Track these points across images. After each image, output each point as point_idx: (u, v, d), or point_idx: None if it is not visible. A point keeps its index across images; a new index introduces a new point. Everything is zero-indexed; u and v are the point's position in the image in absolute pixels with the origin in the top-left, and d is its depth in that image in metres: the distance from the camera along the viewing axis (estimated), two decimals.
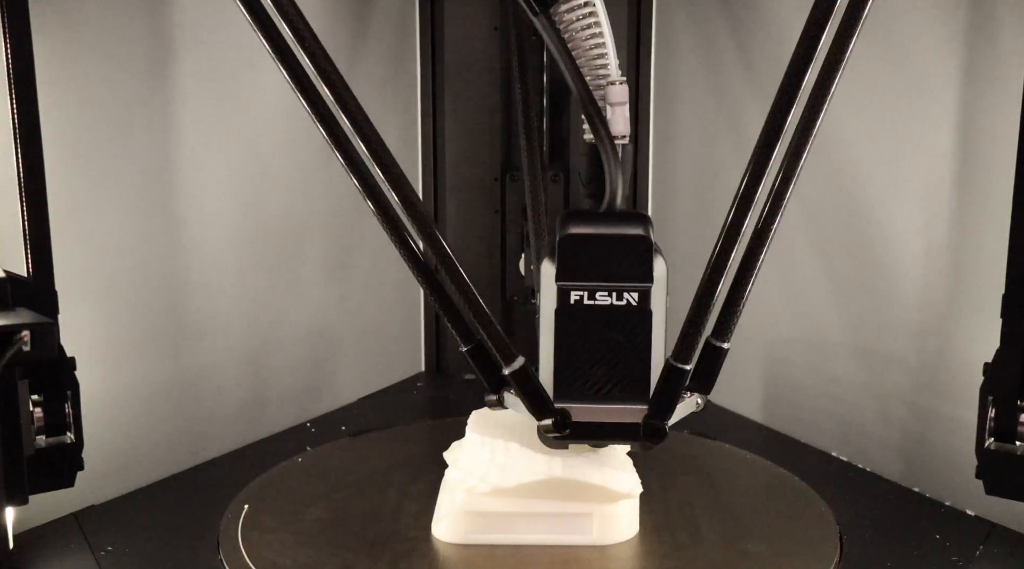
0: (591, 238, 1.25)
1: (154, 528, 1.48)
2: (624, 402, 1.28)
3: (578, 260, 1.25)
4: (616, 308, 1.25)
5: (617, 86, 1.30)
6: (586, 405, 1.28)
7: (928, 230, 1.57)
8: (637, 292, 1.25)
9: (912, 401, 1.62)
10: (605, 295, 1.25)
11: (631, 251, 1.25)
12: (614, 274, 1.25)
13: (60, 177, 1.39)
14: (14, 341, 1.23)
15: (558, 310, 1.26)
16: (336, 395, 1.99)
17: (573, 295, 1.25)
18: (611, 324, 1.26)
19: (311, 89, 1.26)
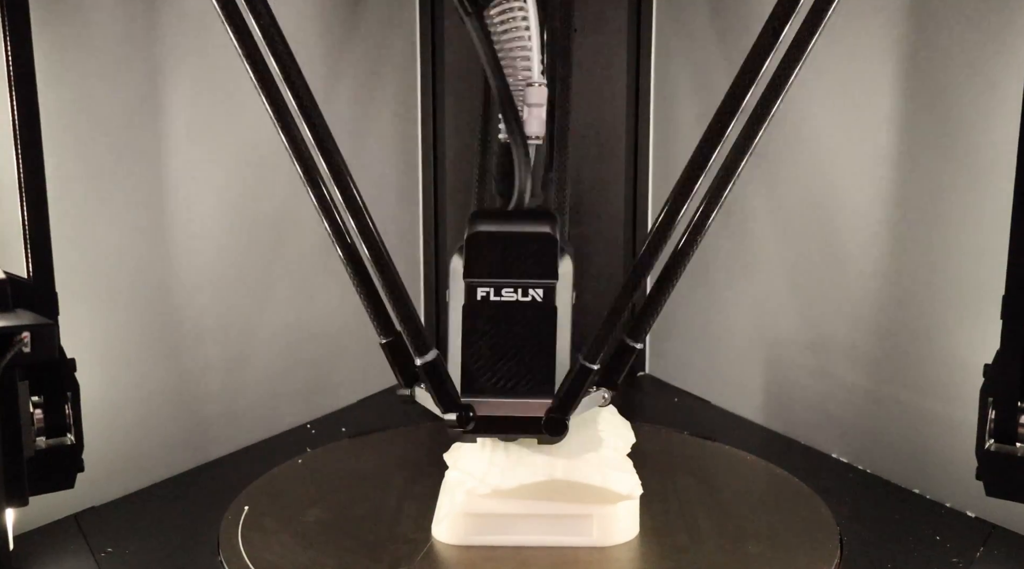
0: (497, 236, 1.28)
1: (154, 530, 1.48)
2: (529, 396, 1.29)
3: (485, 257, 1.28)
4: (521, 304, 1.28)
5: (536, 87, 1.35)
6: (492, 399, 1.29)
7: (928, 231, 1.57)
8: (542, 288, 1.28)
9: (912, 402, 1.62)
10: (511, 291, 1.28)
11: (537, 248, 1.28)
12: (520, 271, 1.28)
13: (60, 179, 1.39)
14: (14, 342, 1.23)
15: (465, 306, 1.29)
16: (336, 396, 1.99)
17: (480, 291, 1.28)
18: (516, 320, 1.28)
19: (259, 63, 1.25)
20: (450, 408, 1.29)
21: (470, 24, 1.30)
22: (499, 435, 1.34)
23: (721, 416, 1.96)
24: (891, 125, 1.61)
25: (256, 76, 1.25)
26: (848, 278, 1.71)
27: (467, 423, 1.29)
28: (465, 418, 1.28)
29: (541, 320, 1.28)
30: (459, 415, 1.28)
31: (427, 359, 1.28)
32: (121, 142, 1.55)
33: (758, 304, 1.89)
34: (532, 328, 1.28)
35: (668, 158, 2.07)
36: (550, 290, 1.28)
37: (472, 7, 1.29)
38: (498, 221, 1.30)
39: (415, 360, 1.29)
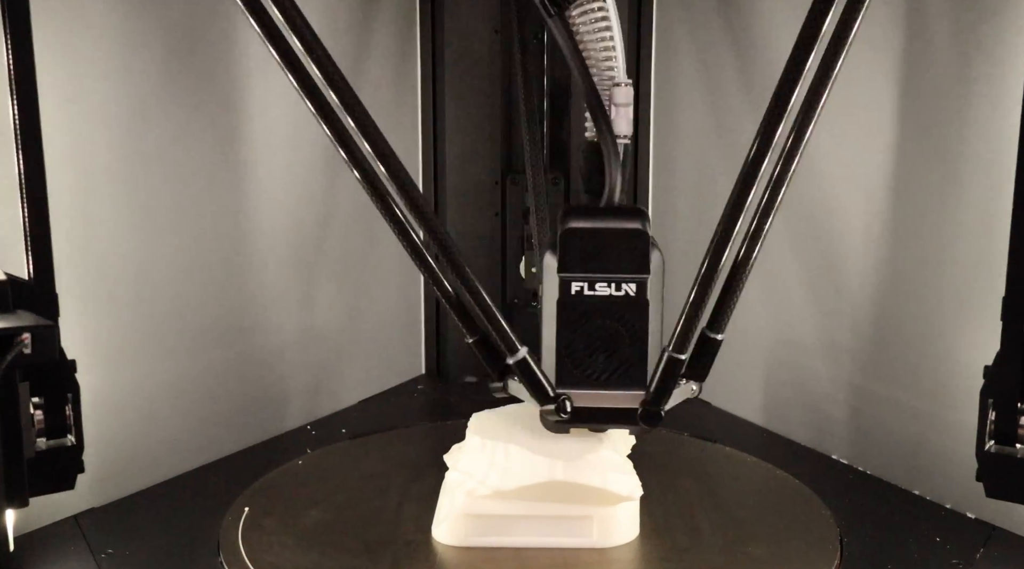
0: (591, 232, 1.30)
1: (154, 531, 1.48)
2: (622, 388, 1.32)
3: (579, 253, 1.30)
4: (615, 298, 1.30)
5: (623, 87, 1.36)
6: (586, 391, 1.32)
7: (928, 233, 1.57)
8: (635, 283, 1.30)
9: (912, 404, 1.62)
10: (604, 286, 1.30)
11: (629, 244, 1.30)
12: (613, 266, 1.30)
13: (61, 179, 1.39)
14: (15, 344, 1.23)
15: (560, 300, 1.31)
16: (336, 398, 1.99)
17: (574, 286, 1.30)
18: (610, 313, 1.31)
19: (316, 91, 1.27)
20: (546, 400, 1.33)
21: (553, 25, 1.34)
22: (594, 426, 1.38)
23: (721, 417, 1.95)
24: (890, 133, 1.61)
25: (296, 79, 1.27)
26: (848, 280, 1.71)
27: (564, 413, 1.32)
28: (562, 408, 1.32)
29: (634, 313, 1.31)
30: (556, 406, 1.32)
31: (518, 357, 1.32)
32: (122, 142, 1.55)
33: (758, 306, 1.89)
34: (625, 321, 1.31)
35: (668, 158, 2.07)
36: (642, 284, 1.31)
37: (555, 8, 1.33)
38: (591, 217, 1.33)
39: (507, 359, 1.32)
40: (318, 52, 1.26)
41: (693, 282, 1.31)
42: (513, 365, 1.32)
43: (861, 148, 1.66)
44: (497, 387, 1.38)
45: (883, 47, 1.60)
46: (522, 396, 1.35)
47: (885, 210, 1.64)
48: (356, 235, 1.97)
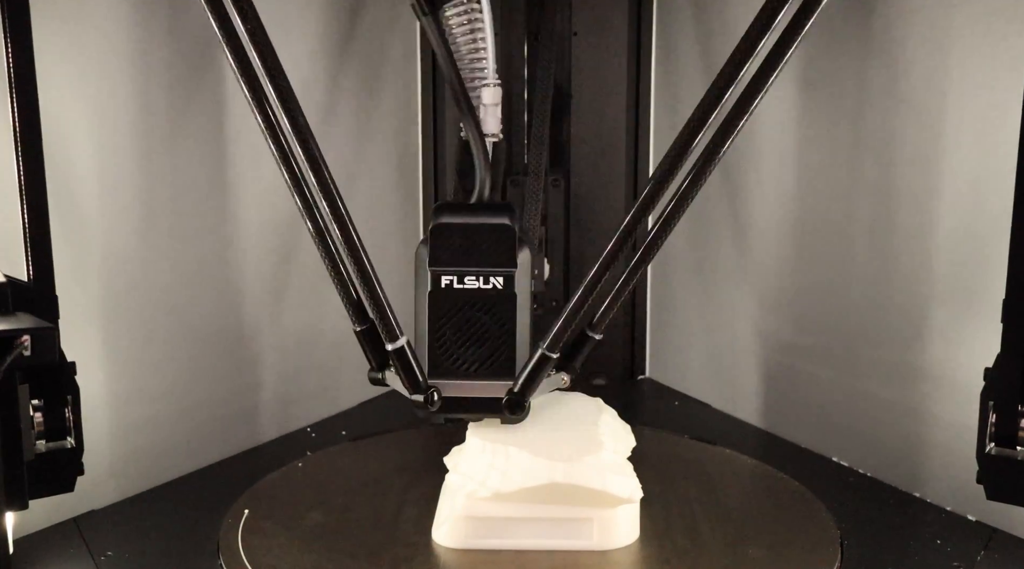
0: (460, 227, 1.36)
1: (154, 533, 1.48)
2: (490, 378, 1.37)
3: (448, 247, 1.36)
4: (483, 291, 1.36)
5: (491, 88, 1.44)
6: (456, 381, 1.37)
7: (927, 234, 1.57)
8: (502, 276, 1.35)
9: (912, 406, 1.62)
10: (473, 279, 1.36)
11: (497, 239, 1.35)
12: (481, 260, 1.35)
13: (61, 181, 1.39)
14: (14, 346, 1.22)
15: (431, 293, 1.36)
16: (336, 400, 1.98)
17: (444, 279, 1.36)
18: (478, 306, 1.36)
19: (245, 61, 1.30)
20: (417, 390, 1.36)
21: (426, 24, 1.39)
22: (463, 416, 1.41)
23: (722, 420, 1.95)
24: (889, 131, 1.61)
25: (238, 65, 1.30)
26: (848, 282, 1.71)
27: (432, 404, 1.36)
28: (430, 399, 1.35)
29: (502, 306, 1.36)
30: (425, 396, 1.35)
31: (397, 345, 1.35)
32: (122, 143, 1.55)
33: (758, 308, 1.89)
34: (493, 313, 1.36)
35: None
36: (510, 277, 1.35)
37: (428, 7, 1.38)
38: (461, 213, 1.38)
39: (386, 345, 1.35)
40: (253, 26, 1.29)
41: (583, 285, 1.34)
42: (392, 353, 1.35)
43: (855, 149, 1.66)
44: (375, 377, 1.41)
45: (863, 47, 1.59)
46: (397, 387, 1.38)
47: (884, 211, 1.64)
48: None
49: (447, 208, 1.40)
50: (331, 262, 1.37)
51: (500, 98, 1.43)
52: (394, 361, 1.36)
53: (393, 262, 2.00)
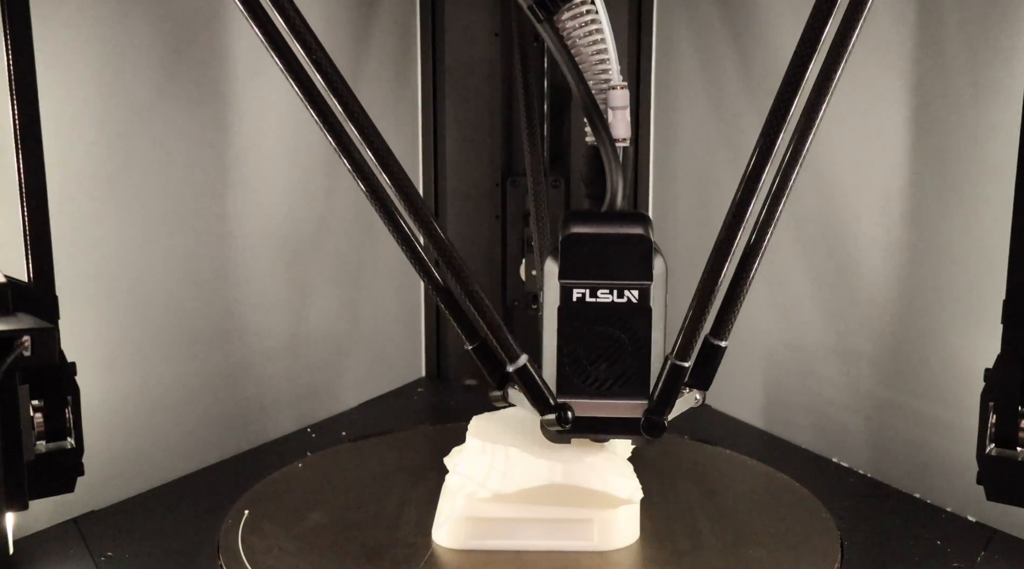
0: (593, 237, 1.29)
1: (154, 534, 1.48)
2: (625, 397, 1.30)
3: (580, 259, 1.28)
4: (617, 305, 1.28)
5: (619, 90, 1.34)
6: (588, 400, 1.30)
7: (928, 233, 1.57)
8: (637, 290, 1.28)
9: (912, 407, 1.62)
10: (606, 293, 1.28)
11: (631, 250, 1.28)
12: (615, 272, 1.28)
13: (61, 181, 1.39)
14: (15, 346, 1.23)
15: (561, 307, 1.29)
16: (337, 400, 1.99)
17: (575, 293, 1.28)
18: (612, 321, 1.29)
19: (316, 95, 1.27)
20: (547, 409, 1.31)
21: (544, 31, 1.31)
22: (596, 436, 1.35)
23: (721, 420, 1.95)
24: (894, 138, 1.61)
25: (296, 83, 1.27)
26: (848, 283, 1.71)
27: (566, 423, 1.30)
28: (564, 418, 1.30)
29: (637, 321, 1.29)
30: (558, 415, 1.30)
31: (519, 364, 1.30)
32: (123, 145, 1.55)
33: (759, 309, 1.89)
34: (628, 329, 1.29)
35: (669, 162, 2.07)
36: (645, 291, 1.29)
37: (544, 14, 1.30)
38: (592, 223, 1.31)
39: (507, 366, 1.31)
40: (318, 56, 1.26)
41: (696, 288, 1.30)
42: (513, 373, 1.31)
43: (868, 153, 1.66)
44: (497, 395, 1.36)
45: (894, 50, 1.59)
46: (522, 405, 1.33)
47: (884, 212, 1.64)
48: (356, 237, 1.97)
49: (578, 217, 1.32)
50: (431, 282, 1.32)
51: (628, 100, 1.35)
52: (517, 381, 1.31)
53: (393, 265, 2.01)
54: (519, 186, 2.10)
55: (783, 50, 1.30)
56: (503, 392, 1.35)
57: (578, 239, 1.29)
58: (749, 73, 1.84)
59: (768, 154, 1.27)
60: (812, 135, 1.27)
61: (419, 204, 1.30)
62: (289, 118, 1.74)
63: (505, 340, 1.30)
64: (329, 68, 1.27)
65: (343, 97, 1.27)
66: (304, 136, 1.75)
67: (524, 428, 1.40)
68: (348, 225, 1.94)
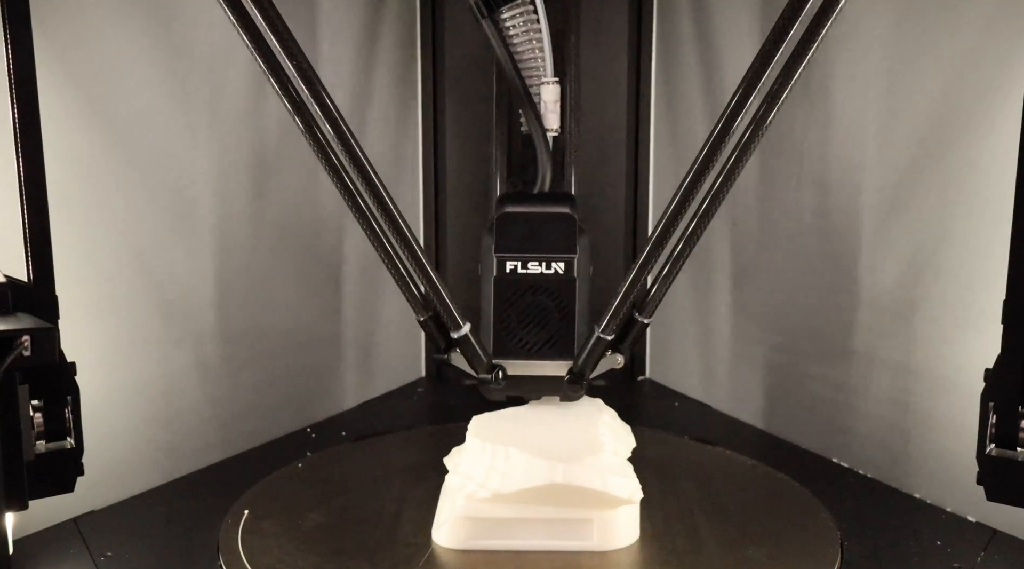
0: (524, 216, 1.44)
1: (154, 534, 1.48)
2: (552, 358, 1.45)
3: (513, 234, 1.44)
4: (545, 276, 1.43)
5: (551, 85, 1.50)
6: (520, 361, 1.45)
7: (928, 234, 1.57)
8: (563, 262, 1.43)
9: (913, 407, 1.62)
10: (536, 264, 1.43)
11: (558, 226, 1.44)
12: (544, 246, 1.43)
13: (61, 181, 1.39)
14: (14, 346, 1.23)
15: (496, 278, 1.44)
16: (336, 400, 1.99)
17: (508, 264, 1.44)
18: (541, 290, 1.44)
19: (278, 68, 1.33)
20: (483, 369, 1.45)
21: (486, 26, 1.45)
22: (526, 393, 1.48)
23: (721, 420, 1.95)
24: (890, 132, 1.61)
25: (272, 75, 1.34)
26: (848, 283, 1.71)
27: (499, 382, 1.44)
28: (497, 377, 1.44)
29: (563, 290, 1.44)
30: (492, 375, 1.44)
31: (462, 332, 1.43)
32: (123, 145, 1.55)
33: (758, 309, 1.89)
34: (555, 297, 1.44)
35: (669, 159, 2.07)
36: (570, 263, 1.43)
37: (487, 10, 1.44)
38: (524, 203, 1.47)
39: (451, 333, 1.43)
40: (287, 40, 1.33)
41: (628, 272, 1.39)
42: (457, 339, 1.44)
43: (862, 151, 1.66)
44: (441, 357, 1.49)
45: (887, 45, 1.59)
46: (462, 366, 1.46)
47: (885, 212, 1.64)
48: (355, 237, 1.97)
49: (511, 198, 1.48)
50: (388, 258, 1.42)
51: (559, 95, 1.50)
52: (460, 346, 1.44)
53: None
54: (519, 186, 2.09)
55: (784, 49, 1.30)
56: (447, 355, 1.48)
57: (511, 217, 1.44)
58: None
59: (716, 149, 1.34)
60: (761, 134, 1.33)
61: (373, 180, 1.37)
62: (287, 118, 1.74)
63: (451, 311, 1.42)
64: (294, 49, 1.33)
65: (299, 63, 1.33)
66: None
67: (524, 428, 1.40)
68: (348, 225, 1.94)
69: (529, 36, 1.48)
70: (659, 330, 2.14)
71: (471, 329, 1.44)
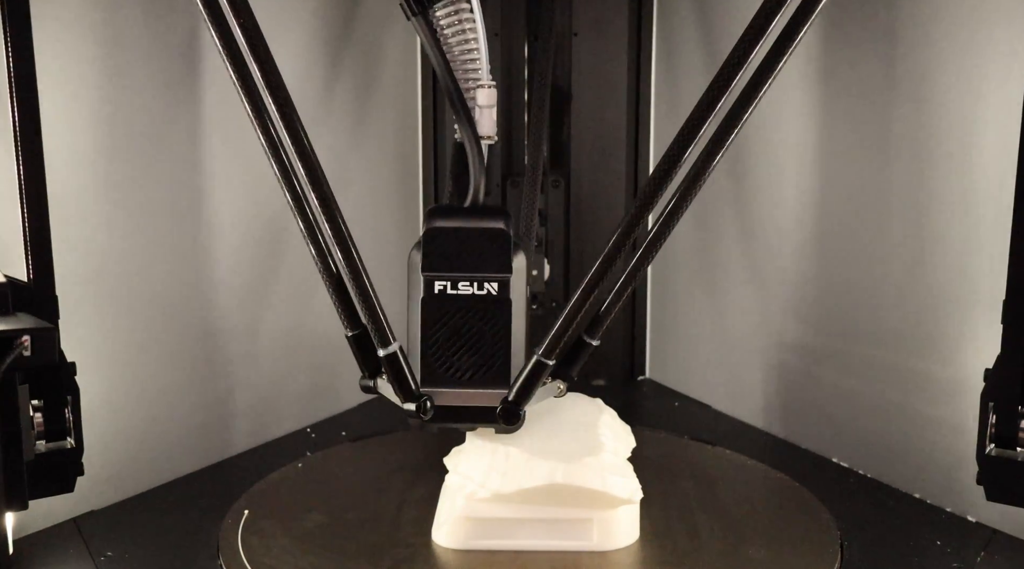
0: (454, 231, 1.32)
1: (154, 534, 1.48)
2: (485, 387, 1.32)
3: (442, 252, 1.31)
4: (477, 297, 1.31)
5: (486, 89, 1.36)
6: (449, 390, 1.33)
7: (928, 234, 1.57)
8: (497, 282, 1.31)
9: (912, 407, 1.62)
10: (467, 285, 1.31)
11: (491, 243, 1.31)
12: (475, 265, 1.31)
13: (61, 181, 1.39)
14: (14, 346, 1.23)
15: (424, 299, 1.32)
16: (336, 400, 1.98)
17: (437, 285, 1.31)
18: (472, 313, 1.32)
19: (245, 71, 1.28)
20: (409, 398, 1.32)
21: (416, 25, 1.33)
22: (457, 425, 1.37)
23: (722, 420, 1.95)
24: (888, 132, 1.61)
25: (229, 60, 1.28)
26: (848, 283, 1.71)
27: (425, 413, 1.32)
28: (423, 407, 1.32)
29: (496, 312, 1.32)
30: (418, 405, 1.32)
31: (389, 351, 1.31)
32: (123, 145, 1.55)
33: (759, 309, 1.89)
34: (488, 320, 1.32)
35: None
36: (504, 283, 1.31)
37: (418, 7, 1.32)
38: (454, 217, 1.34)
39: (378, 351, 1.32)
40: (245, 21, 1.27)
41: (578, 292, 1.30)
42: (383, 359, 1.32)
43: (859, 149, 1.66)
44: (367, 385, 1.38)
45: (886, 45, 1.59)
46: (388, 395, 1.35)
47: (884, 213, 1.64)
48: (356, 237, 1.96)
49: (441, 212, 1.36)
50: (323, 263, 1.34)
51: (495, 99, 1.37)
52: (386, 368, 1.33)
53: (392, 266, 2.01)
54: (519, 186, 2.09)
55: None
56: (373, 382, 1.37)
57: (440, 233, 1.32)
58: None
59: (673, 165, 1.27)
60: (728, 143, 1.26)
61: (322, 184, 1.30)
62: None
63: (380, 325, 1.31)
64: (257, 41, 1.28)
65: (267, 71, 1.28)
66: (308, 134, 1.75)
67: (524, 428, 1.40)
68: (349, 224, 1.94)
69: (464, 36, 1.36)
70: (659, 330, 2.15)
71: (401, 349, 1.32)
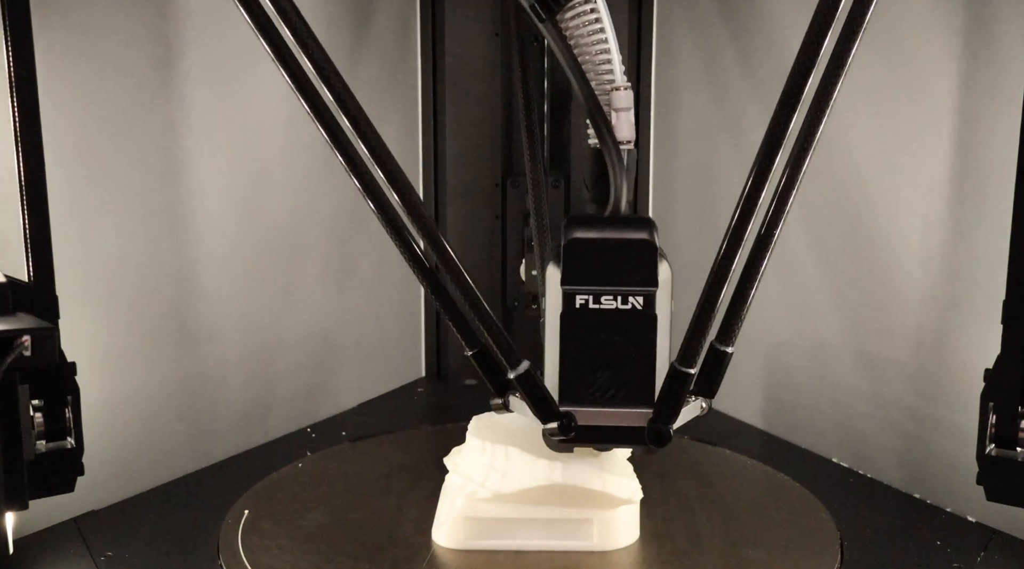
0: (596, 242, 1.25)
1: (154, 533, 1.48)
2: (629, 406, 1.27)
3: (583, 264, 1.24)
4: (621, 312, 1.24)
5: (622, 91, 1.30)
6: (591, 409, 1.27)
7: (928, 234, 1.57)
8: (642, 296, 1.24)
9: (913, 407, 1.62)
10: (610, 299, 1.24)
11: (636, 255, 1.24)
12: (619, 278, 1.24)
13: (61, 181, 1.39)
14: (15, 346, 1.22)
15: (563, 314, 1.25)
16: (336, 400, 1.99)
17: (578, 299, 1.25)
18: (616, 328, 1.25)
19: (312, 91, 1.24)
20: (549, 417, 1.27)
21: (546, 31, 1.27)
22: (599, 446, 1.33)
23: (722, 420, 1.95)
24: (892, 133, 1.61)
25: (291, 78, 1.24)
26: (848, 283, 1.71)
27: (569, 432, 1.27)
28: (566, 427, 1.27)
29: (641, 328, 1.25)
30: (560, 423, 1.27)
31: (520, 370, 1.27)
32: (124, 144, 1.55)
33: (759, 309, 1.88)
34: (632, 336, 1.25)
35: (670, 163, 2.07)
36: (650, 298, 1.25)
37: (546, 13, 1.26)
38: (596, 228, 1.26)
39: (508, 373, 1.27)
40: (313, 49, 1.23)
41: (702, 292, 1.26)
42: (515, 379, 1.27)
43: (857, 151, 1.66)
44: (498, 403, 1.33)
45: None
46: (523, 413, 1.30)
47: (884, 214, 1.64)
48: (356, 237, 1.97)
49: (580, 222, 1.27)
50: (433, 287, 1.30)
51: (632, 101, 1.30)
52: (519, 388, 1.27)
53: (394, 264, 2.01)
54: (519, 186, 2.10)
55: (786, 48, 1.30)
56: (504, 399, 1.32)
57: (581, 244, 1.24)
58: (750, 71, 1.84)
59: (774, 155, 1.22)
60: (818, 134, 1.21)
61: (418, 206, 1.27)
62: (284, 117, 1.74)
63: (506, 346, 1.27)
64: (324, 62, 1.24)
65: (338, 92, 1.24)
66: (303, 135, 1.74)
67: (524, 428, 1.40)
68: (348, 225, 1.94)
69: (595, 37, 1.28)
70: None
71: (531, 367, 1.27)
